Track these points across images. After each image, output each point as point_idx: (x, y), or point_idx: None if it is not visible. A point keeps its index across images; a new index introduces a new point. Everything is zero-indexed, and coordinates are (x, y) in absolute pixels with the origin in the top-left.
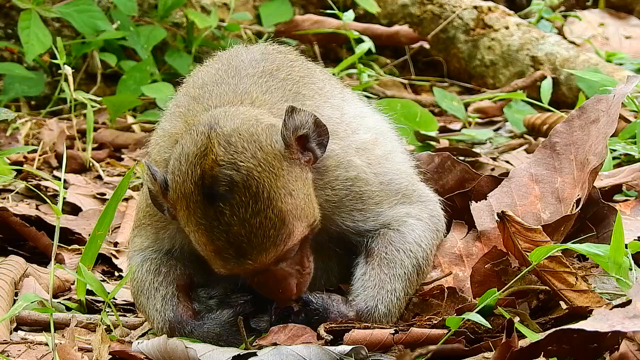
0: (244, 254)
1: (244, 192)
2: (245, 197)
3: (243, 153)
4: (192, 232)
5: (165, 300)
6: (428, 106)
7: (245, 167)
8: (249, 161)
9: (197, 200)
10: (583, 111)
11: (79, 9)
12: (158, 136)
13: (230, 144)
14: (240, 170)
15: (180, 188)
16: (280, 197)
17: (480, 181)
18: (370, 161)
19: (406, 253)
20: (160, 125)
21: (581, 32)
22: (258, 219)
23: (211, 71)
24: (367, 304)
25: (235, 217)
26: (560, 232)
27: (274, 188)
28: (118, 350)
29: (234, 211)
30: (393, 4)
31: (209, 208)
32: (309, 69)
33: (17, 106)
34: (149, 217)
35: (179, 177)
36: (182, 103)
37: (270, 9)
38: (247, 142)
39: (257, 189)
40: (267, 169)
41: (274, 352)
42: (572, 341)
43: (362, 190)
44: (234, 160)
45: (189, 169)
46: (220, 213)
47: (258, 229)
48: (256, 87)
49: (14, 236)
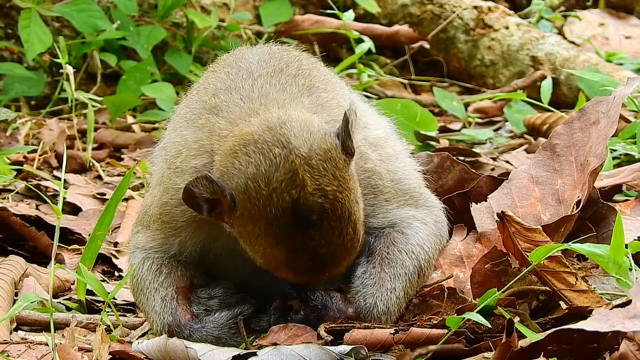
0: (322, 269)
1: (332, 217)
2: (332, 221)
3: (325, 176)
4: (259, 245)
5: (165, 302)
6: (428, 106)
7: (331, 192)
8: (332, 184)
9: (283, 225)
10: (583, 113)
11: (79, 9)
12: (177, 144)
13: (312, 167)
14: (327, 196)
15: (261, 211)
16: (355, 211)
17: (480, 181)
18: (382, 158)
19: (408, 254)
20: (178, 133)
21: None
22: (342, 238)
23: (221, 76)
24: (366, 302)
25: (322, 241)
26: (561, 233)
27: (352, 204)
28: (118, 350)
29: (322, 236)
30: (393, 4)
31: (296, 233)
32: (314, 62)
33: (17, 106)
34: (161, 222)
35: (259, 201)
36: (198, 112)
37: (270, 9)
38: (325, 162)
39: (342, 210)
40: (345, 188)
41: (274, 352)
42: (572, 341)
43: (376, 184)
44: (321, 187)
45: (274, 195)
46: (309, 238)
47: (340, 246)
48: (271, 87)
49: (14, 236)
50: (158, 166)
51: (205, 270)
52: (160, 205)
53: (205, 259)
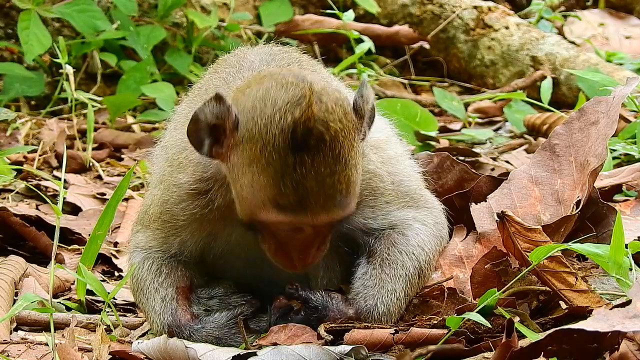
0: (305, 208)
1: (327, 152)
2: (328, 156)
3: (332, 114)
4: (252, 173)
5: (165, 303)
6: (428, 106)
7: (334, 128)
8: (337, 123)
9: (278, 145)
10: (582, 113)
11: (79, 9)
12: (180, 140)
13: (322, 101)
14: (329, 129)
15: (261, 130)
16: (352, 166)
17: (480, 181)
18: (384, 160)
19: (408, 255)
20: (181, 131)
21: (581, 32)
22: (332, 179)
23: (223, 76)
24: (366, 303)
25: (313, 172)
26: (560, 233)
27: (350, 156)
28: (118, 350)
29: (314, 165)
30: (393, 4)
31: (289, 156)
32: (314, 64)
33: (17, 106)
34: (161, 222)
35: (261, 119)
36: None
37: (270, 9)
38: (335, 104)
39: (340, 152)
40: (348, 136)
41: (274, 352)
42: (572, 341)
43: (377, 185)
44: (326, 119)
45: (277, 114)
46: (300, 164)
47: (329, 189)
48: None
49: (14, 236)
50: (158, 165)
51: (206, 270)
52: (161, 203)
53: (206, 258)
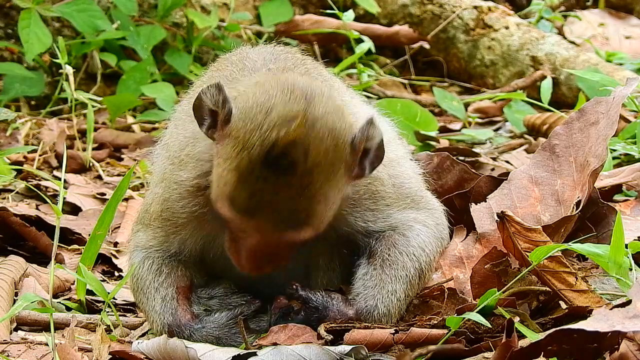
0: (252, 216)
1: (295, 180)
2: (293, 185)
3: (320, 144)
4: (224, 167)
5: (165, 303)
6: (428, 106)
7: (312, 159)
8: (320, 155)
9: (253, 154)
10: (582, 113)
11: (79, 9)
12: (182, 136)
13: (314, 128)
14: (307, 158)
15: (246, 134)
16: (318, 201)
17: (480, 181)
18: (384, 162)
19: (409, 256)
20: (182, 127)
21: (581, 32)
22: (291, 204)
23: (225, 74)
24: (367, 303)
25: (272, 190)
26: (561, 233)
27: (321, 191)
28: (118, 350)
29: (276, 185)
30: (393, 4)
31: (257, 168)
32: (317, 66)
33: (17, 106)
34: (162, 220)
35: (250, 124)
36: None
37: (270, 9)
38: (328, 134)
39: (309, 182)
40: (327, 170)
41: (274, 352)
42: (572, 341)
43: (377, 189)
44: (308, 147)
45: (265, 125)
46: (264, 179)
47: (283, 212)
48: None
49: (14, 236)
50: (159, 164)
51: (206, 270)
52: (162, 201)
53: (206, 258)
